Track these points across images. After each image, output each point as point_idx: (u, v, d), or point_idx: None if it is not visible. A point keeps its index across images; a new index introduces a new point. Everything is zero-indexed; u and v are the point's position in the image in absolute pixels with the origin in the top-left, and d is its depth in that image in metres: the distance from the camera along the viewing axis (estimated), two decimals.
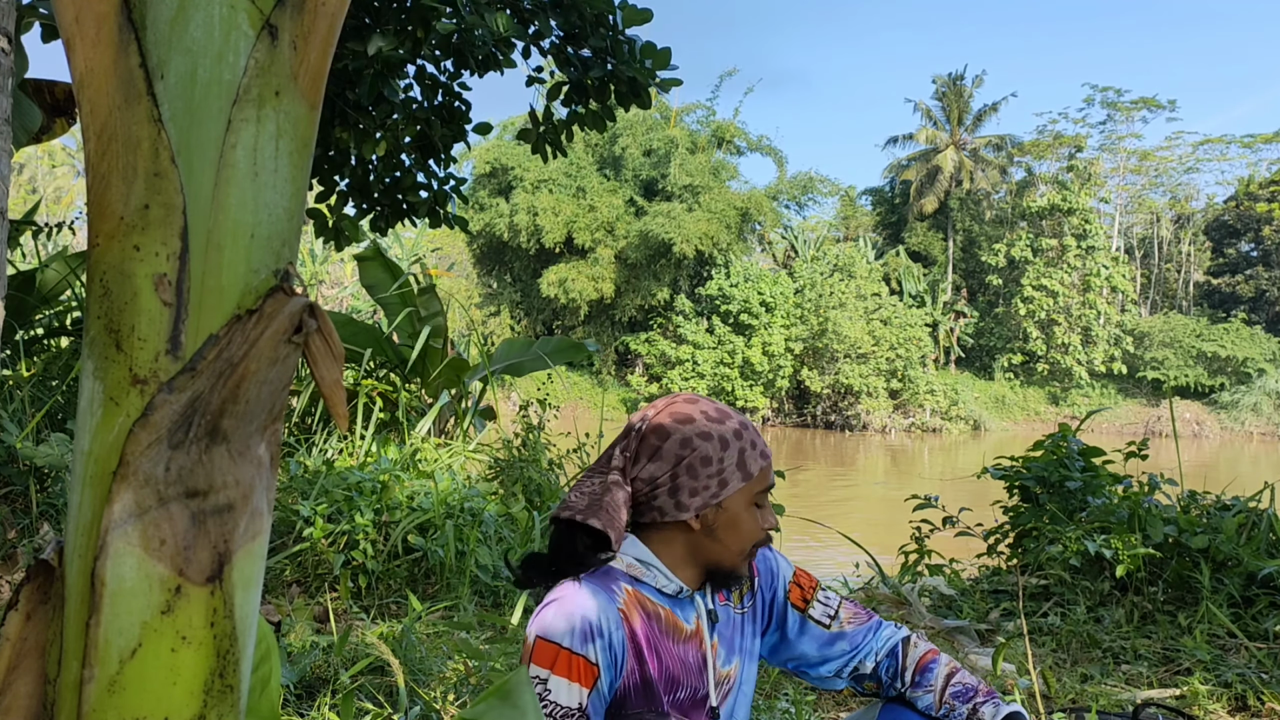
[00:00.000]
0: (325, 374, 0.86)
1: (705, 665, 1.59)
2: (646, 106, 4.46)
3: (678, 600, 1.60)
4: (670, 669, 1.57)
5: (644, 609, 1.56)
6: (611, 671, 1.51)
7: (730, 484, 1.54)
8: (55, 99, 3.73)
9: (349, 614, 3.99)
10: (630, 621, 1.53)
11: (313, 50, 0.83)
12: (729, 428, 1.57)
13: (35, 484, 4.12)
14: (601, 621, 1.50)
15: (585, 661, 1.48)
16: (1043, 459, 4.79)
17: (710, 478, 1.54)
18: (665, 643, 1.57)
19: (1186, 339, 37.60)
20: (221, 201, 0.79)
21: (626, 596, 1.55)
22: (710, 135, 35.76)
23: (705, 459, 1.54)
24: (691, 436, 1.55)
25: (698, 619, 1.61)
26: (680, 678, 1.57)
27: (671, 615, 1.58)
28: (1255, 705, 3.17)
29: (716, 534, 1.55)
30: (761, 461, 1.57)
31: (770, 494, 1.61)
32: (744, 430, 1.58)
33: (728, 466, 1.54)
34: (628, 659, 1.52)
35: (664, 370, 33.47)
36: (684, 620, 1.59)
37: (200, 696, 0.80)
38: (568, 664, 1.48)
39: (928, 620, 4.17)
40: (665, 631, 1.57)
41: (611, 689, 1.52)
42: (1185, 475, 4.89)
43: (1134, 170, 42.98)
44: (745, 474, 1.55)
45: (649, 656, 1.54)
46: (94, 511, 0.78)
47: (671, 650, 1.57)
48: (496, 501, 5.16)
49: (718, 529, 1.55)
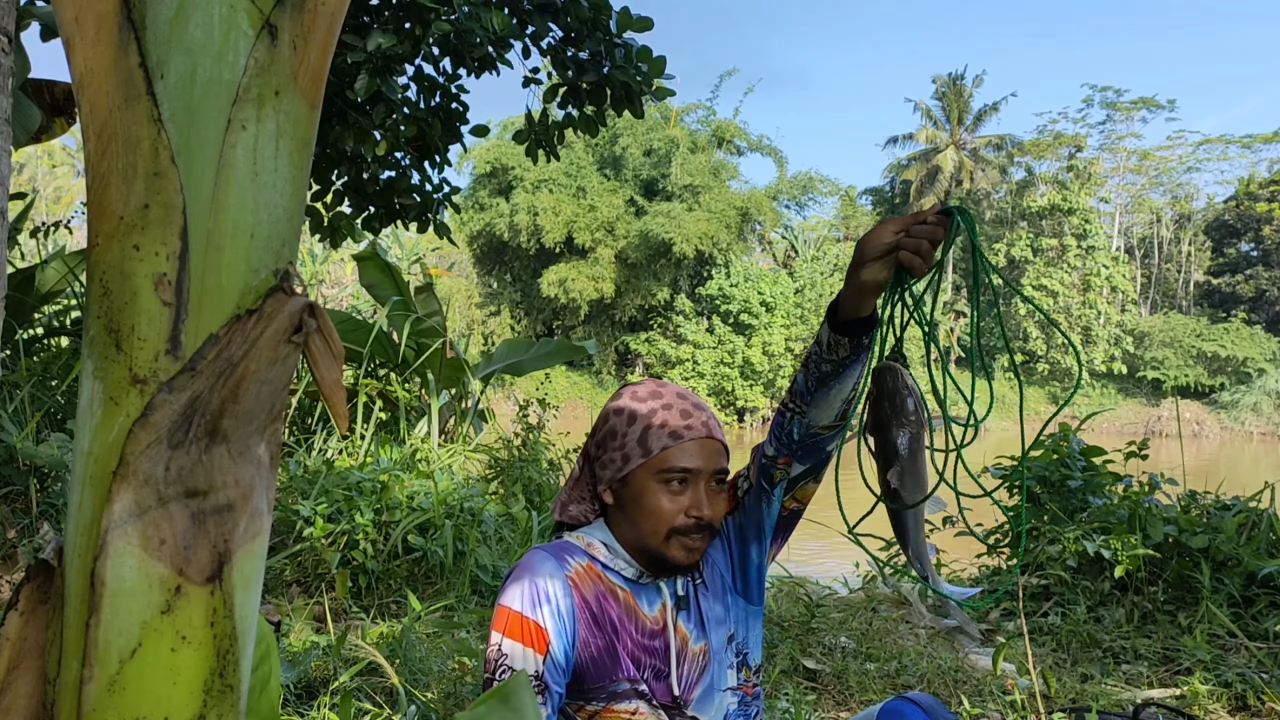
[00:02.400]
0: (325, 374, 0.86)
1: (669, 653, 1.57)
2: (639, 115, 4.46)
3: (640, 585, 1.60)
4: (630, 649, 1.56)
5: (600, 584, 1.58)
6: (563, 639, 1.52)
7: (631, 460, 1.55)
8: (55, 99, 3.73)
9: (349, 614, 3.99)
10: (579, 590, 1.55)
11: (312, 50, 0.83)
12: (648, 407, 1.58)
13: (35, 484, 4.12)
14: (549, 587, 1.53)
15: (536, 626, 1.51)
16: (1043, 459, 4.79)
17: (615, 451, 1.57)
18: (624, 623, 1.57)
19: (1186, 339, 37.60)
20: (221, 201, 0.79)
21: (578, 568, 1.58)
22: (710, 135, 35.76)
23: (613, 433, 1.59)
24: (610, 413, 1.61)
25: (662, 606, 1.59)
26: (643, 659, 1.57)
27: (631, 599, 1.58)
28: (1255, 705, 3.17)
29: (627, 511, 1.57)
30: (668, 441, 1.53)
31: (704, 480, 1.54)
32: (662, 411, 1.56)
33: (629, 442, 1.56)
34: (579, 629, 1.54)
35: (664, 370, 33.46)
36: (645, 606, 1.59)
37: (200, 696, 0.79)
38: (519, 628, 1.51)
39: (928, 620, 4.17)
40: (626, 613, 1.57)
41: (568, 660, 1.53)
42: (1185, 475, 4.89)
43: (1134, 170, 42.97)
44: (645, 450, 1.54)
45: (603, 631, 1.55)
46: (94, 511, 0.78)
47: (631, 632, 1.56)
48: (496, 501, 5.16)
49: (627, 506, 1.57)
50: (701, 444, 1.55)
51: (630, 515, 1.56)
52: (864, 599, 4.48)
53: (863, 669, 3.43)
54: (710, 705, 1.59)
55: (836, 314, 1.43)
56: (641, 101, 4.37)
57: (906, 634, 3.99)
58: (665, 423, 1.55)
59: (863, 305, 1.40)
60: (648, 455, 1.54)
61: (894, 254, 1.35)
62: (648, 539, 1.54)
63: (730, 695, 1.62)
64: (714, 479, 1.56)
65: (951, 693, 3.24)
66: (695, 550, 1.55)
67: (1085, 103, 55.71)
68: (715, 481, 1.56)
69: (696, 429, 1.55)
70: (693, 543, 1.54)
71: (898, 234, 1.34)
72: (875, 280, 1.36)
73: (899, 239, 1.34)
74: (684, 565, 1.56)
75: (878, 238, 1.35)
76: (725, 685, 1.62)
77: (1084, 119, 49.64)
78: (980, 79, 41.35)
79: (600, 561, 1.59)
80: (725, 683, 1.62)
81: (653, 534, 1.53)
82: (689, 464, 1.53)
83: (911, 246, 1.33)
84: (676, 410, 1.56)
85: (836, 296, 1.43)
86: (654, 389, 1.61)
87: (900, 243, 1.34)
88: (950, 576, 4.82)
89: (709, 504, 1.54)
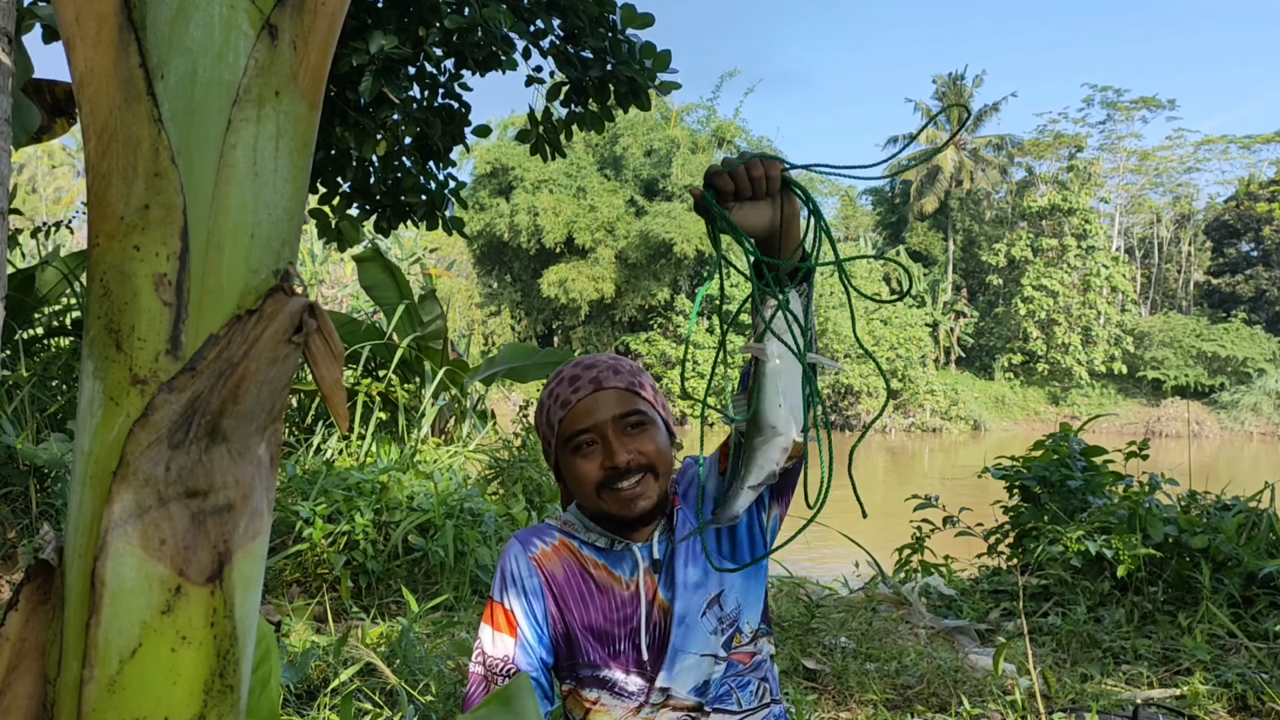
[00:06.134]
0: (325, 374, 0.86)
1: (640, 618, 1.56)
2: (646, 108, 4.47)
3: (613, 554, 1.61)
4: (597, 622, 1.57)
5: (572, 560, 1.61)
6: (532, 620, 1.57)
7: (550, 441, 1.62)
8: (55, 99, 3.74)
9: (349, 614, 3.99)
10: (546, 568, 1.60)
11: (313, 50, 0.83)
12: (547, 390, 1.63)
13: (35, 484, 4.12)
14: (515, 569, 1.60)
15: (504, 609, 1.58)
16: (1043, 459, 4.79)
17: (542, 441, 1.65)
18: (596, 595, 1.58)
19: (1186, 339, 37.60)
20: (221, 201, 0.79)
21: (548, 547, 1.62)
22: (711, 135, 35.77)
23: (538, 421, 1.65)
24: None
25: (637, 571, 1.58)
26: (612, 631, 1.57)
27: (606, 569, 1.60)
28: (1255, 705, 3.17)
29: (570, 485, 1.61)
30: (560, 412, 1.56)
31: (610, 430, 1.53)
32: (555, 388, 1.60)
33: (542, 426, 1.63)
34: (548, 607, 1.58)
35: (664, 370, 33.46)
36: (621, 573, 1.59)
37: (200, 696, 0.79)
38: (491, 614, 1.59)
39: (928, 620, 4.17)
40: (601, 585, 1.59)
41: (539, 637, 1.57)
42: (1185, 475, 4.89)
43: (1134, 170, 42.98)
44: (551, 429, 1.60)
45: (572, 607, 1.58)
46: (94, 511, 0.78)
47: (601, 603, 1.58)
48: (497, 501, 5.16)
49: (567, 482, 1.61)
50: (591, 399, 1.55)
51: (571, 489, 1.61)
52: (864, 599, 4.48)
53: (863, 669, 3.43)
54: (675, 667, 1.55)
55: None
56: (648, 95, 4.38)
57: (906, 634, 3.98)
58: (557, 396, 1.59)
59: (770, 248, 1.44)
60: (554, 431, 1.59)
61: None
62: (587, 503, 1.58)
63: (713, 662, 1.57)
64: (621, 425, 1.54)
65: (951, 693, 3.24)
66: (632, 498, 1.53)
67: (1085, 102, 55.85)
68: (628, 426, 1.55)
69: (584, 387, 1.56)
70: (625, 492, 1.53)
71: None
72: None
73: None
74: (632, 516, 1.54)
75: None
76: (703, 650, 1.57)
77: (1084, 119, 49.74)
78: (980, 79, 41.41)
79: (578, 538, 1.63)
80: (702, 648, 1.57)
81: (587, 498, 1.57)
82: (583, 424, 1.54)
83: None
84: (566, 379, 1.59)
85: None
86: (558, 372, 1.64)
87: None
88: (949, 576, 4.82)
89: (623, 449, 1.53)
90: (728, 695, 1.59)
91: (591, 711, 1.58)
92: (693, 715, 1.57)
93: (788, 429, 1.41)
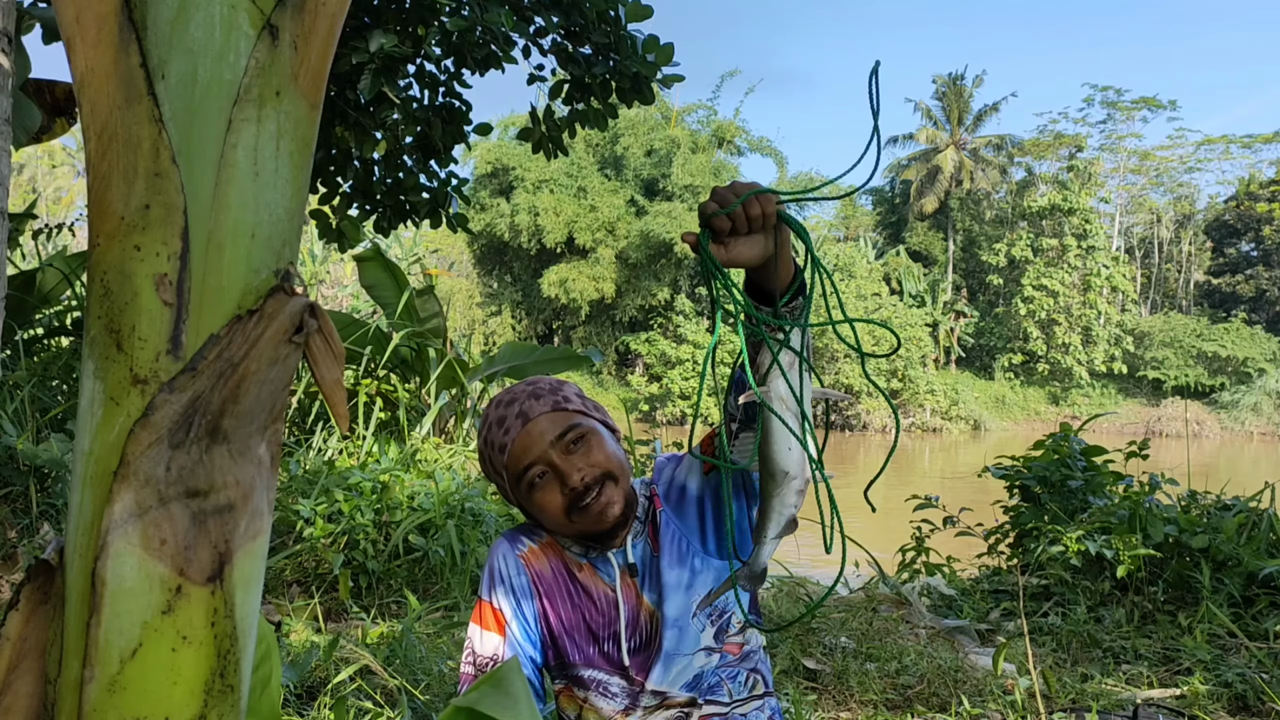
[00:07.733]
0: (326, 374, 0.86)
1: (620, 621, 1.57)
2: (649, 102, 4.45)
3: (593, 559, 1.62)
4: (580, 622, 1.58)
5: (559, 560, 1.61)
6: (520, 618, 1.58)
7: (503, 486, 1.60)
8: (55, 99, 3.74)
9: (350, 614, 3.99)
10: (533, 566, 1.61)
11: (313, 50, 0.83)
12: (482, 438, 1.60)
13: (35, 484, 4.12)
14: (502, 567, 1.61)
15: (492, 608, 1.59)
16: (1044, 459, 4.79)
17: (494, 482, 1.62)
18: (580, 596, 1.59)
19: (1187, 339, 37.59)
20: (222, 201, 0.79)
21: (536, 545, 1.63)
22: (711, 135, 35.77)
23: (486, 471, 1.63)
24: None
25: (615, 576, 1.60)
26: (596, 632, 1.58)
27: (592, 570, 1.61)
28: (1255, 705, 3.17)
29: (540, 519, 1.60)
30: (500, 457, 1.55)
31: (555, 456, 1.52)
32: (488, 434, 1.57)
33: (491, 472, 1.60)
34: (535, 605, 1.59)
35: (664, 370, 33.46)
36: (605, 577, 1.60)
37: (201, 696, 0.79)
38: (480, 613, 1.60)
39: (928, 620, 4.17)
40: (585, 586, 1.60)
41: (531, 641, 1.58)
42: (1185, 475, 4.89)
43: (1134, 170, 42.98)
44: (499, 474, 1.58)
45: (558, 605, 1.59)
46: (94, 511, 0.78)
47: (584, 604, 1.59)
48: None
49: (536, 516, 1.60)
50: (524, 434, 1.54)
51: (543, 523, 1.60)
52: (864, 599, 4.48)
53: (863, 669, 3.43)
54: (671, 671, 1.56)
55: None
56: (652, 89, 4.37)
57: (906, 634, 3.98)
58: (492, 442, 1.57)
59: (764, 277, 1.44)
60: (503, 476, 1.57)
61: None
62: (562, 529, 1.58)
63: (706, 655, 1.59)
64: (563, 446, 1.53)
65: (951, 693, 3.24)
66: (601, 510, 1.52)
67: (1086, 102, 55.83)
68: (569, 445, 1.54)
69: (513, 425, 1.55)
70: (593, 507, 1.52)
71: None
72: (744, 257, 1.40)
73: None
74: (609, 524, 1.54)
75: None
76: (693, 649, 1.58)
77: (1084, 119, 49.71)
78: (980, 79, 41.32)
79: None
80: (692, 646, 1.58)
81: (560, 526, 1.56)
82: (527, 460, 1.53)
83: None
84: (494, 423, 1.57)
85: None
86: (484, 418, 1.62)
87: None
88: (949, 576, 4.82)
89: (573, 469, 1.52)
90: (718, 686, 1.60)
91: (584, 710, 1.59)
92: (686, 710, 1.58)
93: (801, 470, 1.41)
